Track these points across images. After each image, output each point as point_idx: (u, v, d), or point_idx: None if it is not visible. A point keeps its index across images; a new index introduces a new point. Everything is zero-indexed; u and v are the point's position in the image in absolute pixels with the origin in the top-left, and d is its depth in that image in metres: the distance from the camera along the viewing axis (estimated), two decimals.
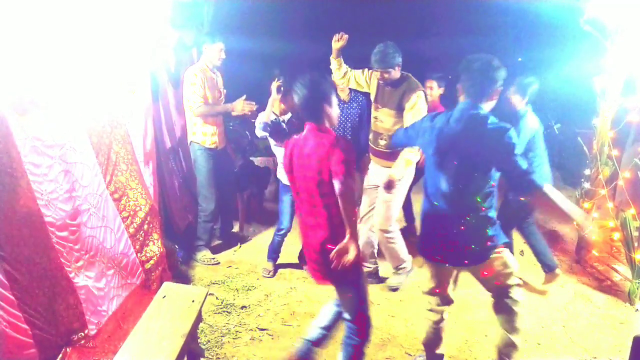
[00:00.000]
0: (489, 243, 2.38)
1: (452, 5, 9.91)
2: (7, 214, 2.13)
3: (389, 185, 3.16)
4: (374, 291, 3.75)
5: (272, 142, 3.63)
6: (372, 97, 3.58)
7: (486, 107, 2.32)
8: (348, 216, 2.18)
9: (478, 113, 2.28)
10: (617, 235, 3.75)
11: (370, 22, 9.78)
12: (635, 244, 3.53)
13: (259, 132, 3.54)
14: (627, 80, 3.75)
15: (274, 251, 3.95)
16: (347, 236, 2.19)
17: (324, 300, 3.58)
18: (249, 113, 3.85)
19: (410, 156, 3.31)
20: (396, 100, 3.38)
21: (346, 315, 2.43)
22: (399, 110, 3.38)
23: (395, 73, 3.33)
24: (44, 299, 2.30)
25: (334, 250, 2.19)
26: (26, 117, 2.30)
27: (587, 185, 4.05)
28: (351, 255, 2.18)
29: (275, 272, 3.95)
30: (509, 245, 2.59)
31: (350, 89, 4.05)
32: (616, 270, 3.96)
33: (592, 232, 3.20)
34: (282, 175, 3.70)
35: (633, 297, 3.57)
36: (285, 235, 3.87)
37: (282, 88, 3.53)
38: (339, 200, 2.16)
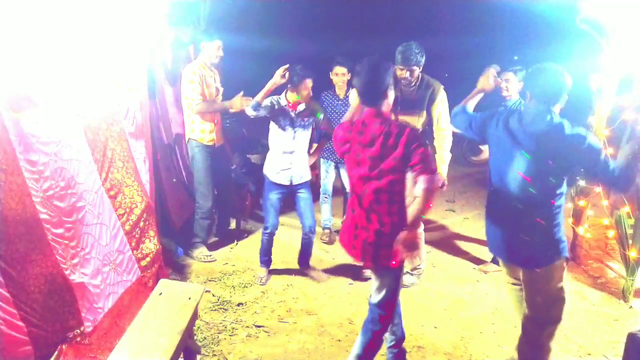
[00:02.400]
0: (556, 246, 2.40)
1: (449, 4, 9.93)
2: (2, 211, 2.12)
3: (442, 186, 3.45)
4: (369, 287, 3.77)
5: (273, 128, 3.56)
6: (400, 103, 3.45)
7: (556, 110, 2.36)
8: (422, 208, 2.19)
9: (553, 119, 2.30)
10: (611, 233, 3.78)
11: (369, 21, 9.79)
12: (630, 242, 3.56)
13: (249, 111, 3.43)
14: (623, 79, 3.77)
15: (264, 253, 3.78)
16: (417, 226, 2.26)
17: (320, 297, 3.60)
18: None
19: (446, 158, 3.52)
20: (423, 102, 3.42)
21: (376, 300, 2.46)
22: (423, 110, 3.43)
23: (417, 72, 3.35)
24: (40, 296, 2.30)
25: (401, 239, 2.19)
26: (21, 114, 2.29)
27: (582, 183, 4.07)
28: (415, 247, 2.21)
29: (268, 279, 3.79)
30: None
31: (348, 85, 4.05)
32: (610, 268, 3.98)
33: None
34: (269, 171, 3.64)
35: (627, 294, 3.60)
36: (272, 234, 3.73)
37: (287, 75, 3.38)
38: (422, 191, 2.17)
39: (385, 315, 2.46)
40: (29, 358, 2.22)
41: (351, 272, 4.00)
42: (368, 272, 3.84)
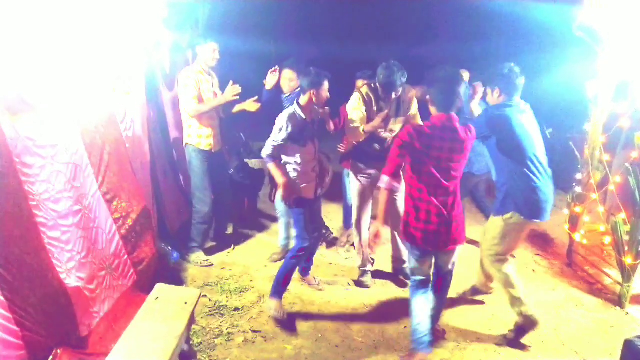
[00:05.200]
0: None
1: (445, 10, 9.98)
2: None
3: None
4: (368, 292, 3.77)
5: (293, 147, 3.22)
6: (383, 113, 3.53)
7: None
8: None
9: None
10: (607, 239, 3.78)
11: (366, 25, 9.83)
12: (626, 248, 3.56)
13: (267, 160, 3.23)
14: (619, 86, 3.79)
15: (286, 282, 3.33)
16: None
17: (317, 302, 3.60)
18: (238, 97, 3.87)
19: None
20: (408, 107, 3.63)
21: (451, 268, 2.98)
22: (407, 113, 3.64)
23: (400, 91, 3.48)
24: (35, 300, 2.28)
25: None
26: (18, 117, 2.29)
27: (578, 189, 4.09)
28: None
29: (285, 312, 3.32)
30: None
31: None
32: (607, 274, 3.99)
33: None
34: (307, 190, 3.32)
35: (623, 300, 3.60)
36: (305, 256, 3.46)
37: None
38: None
39: (447, 284, 3.03)
40: None
41: (348, 278, 3.99)
42: (368, 280, 3.85)
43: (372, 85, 3.56)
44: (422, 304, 2.88)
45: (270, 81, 4.11)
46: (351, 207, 4.34)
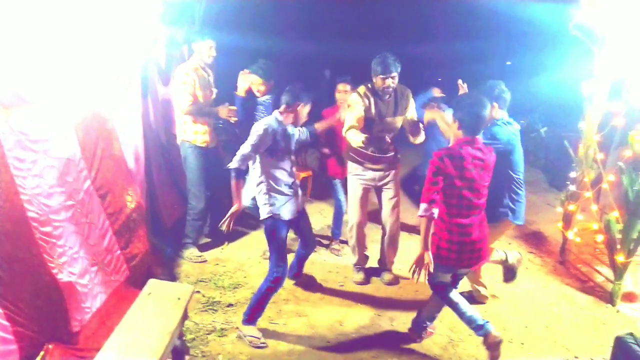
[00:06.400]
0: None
1: (443, 10, 9.98)
2: None
3: None
4: (361, 289, 3.78)
5: (267, 161, 3.02)
6: (383, 112, 3.54)
7: None
8: None
9: None
10: (600, 238, 3.80)
11: (364, 23, 9.81)
12: (618, 246, 3.58)
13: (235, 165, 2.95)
14: (614, 85, 3.80)
15: (262, 308, 3.10)
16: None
17: (311, 299, 3.60)
18: (232, 121, 3.89)
19: None
20: (404, 108, 3.62)
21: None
22: (404, 114, 3.63)
23: (397, 79, 3.47)
24: (26, 295, 2.28)
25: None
26: (11, 111, 2.27)
27: (572, 187, 4.10)
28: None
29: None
30: None
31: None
32: (599, 272, 4.01)
33: None
34: (282, 211, 3.06)
35: (615, 298, 3.63)
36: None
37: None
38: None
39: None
40: (14, 357, 2.19)
41: (341, 275, 4.00)
42: (359, 277, 3.85)
43: (370, 85, 3.55)
44: (458, 297, 2.96)
45: (242, 85, 3.84)
46: (340, 214, 4.36)
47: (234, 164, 2.92)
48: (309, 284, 3.77)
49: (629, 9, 3.47)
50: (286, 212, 3.07)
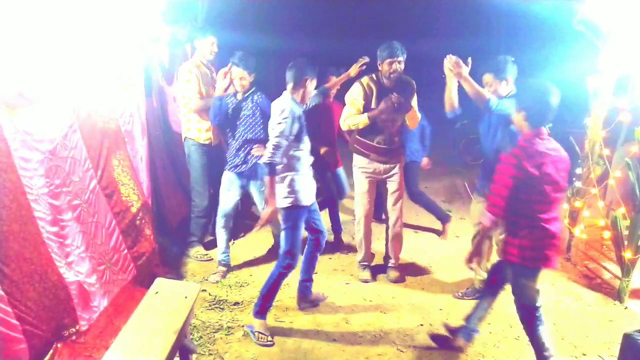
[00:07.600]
0: None
1: (445, 6, 9.94)
2: None
3: None
4: (367, 287, 3.77)
5: (292, 146, 2.92)
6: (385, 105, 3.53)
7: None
8: None
9: None
10: (607, 234, 3.78)
11: (366, 20, 9.79)
12: (625, 243, 3.56)
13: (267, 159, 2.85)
14: (619, 80, 3.78)
15: (273, 297, 3.10)
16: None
17: None
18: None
19: None
20: (410, 99, 3.61)
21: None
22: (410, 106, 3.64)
23: (403, 64, 3.48)
24: (35, 294, 2.29)
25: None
26: (17, 112, 2.28)
27: (578, 184, 4.08)
28: None
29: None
30: None
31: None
32: (606, 269, 3.99)
33: None
34: (305, 196, 3.02)
35: (622, 295, 3.61)
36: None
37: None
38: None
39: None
40: (23, 356, 2.20)
41: (347, 273, 4.00)
42: (364, 274, 3.85)
43: (374, 76, 3.55)
44: (546, 334, 2.74)
45: (222, 84, 3.51)
46: (333, 206, 4.37)
47: (267, 157, 2.79)
48: (316, 301, 3.52)
49: (633, 3, 3.45)
50: (306, 195, 3.02)
